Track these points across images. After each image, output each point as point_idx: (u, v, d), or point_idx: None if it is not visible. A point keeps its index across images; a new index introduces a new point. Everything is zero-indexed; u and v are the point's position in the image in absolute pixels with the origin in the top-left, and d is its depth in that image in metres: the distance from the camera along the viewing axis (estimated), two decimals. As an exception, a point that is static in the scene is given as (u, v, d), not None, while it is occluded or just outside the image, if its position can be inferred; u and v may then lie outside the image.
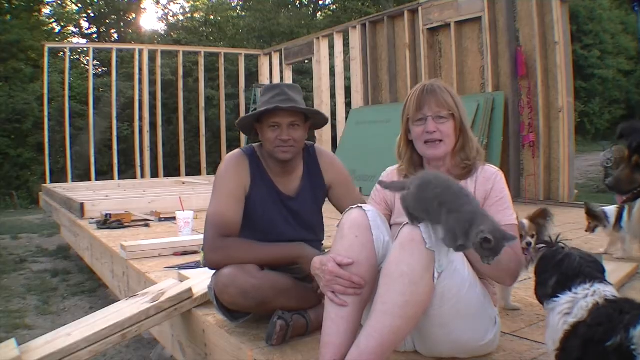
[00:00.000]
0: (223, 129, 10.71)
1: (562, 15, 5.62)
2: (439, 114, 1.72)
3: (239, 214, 1.98)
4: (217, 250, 1.91)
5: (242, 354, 1.83)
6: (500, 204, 1.70)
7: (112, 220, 4.50)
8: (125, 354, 3.41)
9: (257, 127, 2.04)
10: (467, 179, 1.75)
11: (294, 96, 1.97)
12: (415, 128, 1.75)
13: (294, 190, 2.07)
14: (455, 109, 1.74)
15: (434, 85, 1.76)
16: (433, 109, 1.72)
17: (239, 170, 2.02)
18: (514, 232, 1.66)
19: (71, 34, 19.59)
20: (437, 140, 1.72)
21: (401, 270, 1.46)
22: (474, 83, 6.48)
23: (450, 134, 1.73)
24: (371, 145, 6.81)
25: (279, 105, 1.92)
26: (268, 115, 1.95)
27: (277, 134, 1.95)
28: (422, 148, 1.75)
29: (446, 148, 1.74)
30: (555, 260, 1.38)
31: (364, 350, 1.44)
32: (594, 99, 20.61)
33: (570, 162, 5.70)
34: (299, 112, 1.98)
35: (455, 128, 1.75)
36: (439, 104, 1.72)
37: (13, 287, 5.03)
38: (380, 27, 7.74)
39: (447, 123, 1.73)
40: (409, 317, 1.47)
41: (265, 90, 2.03)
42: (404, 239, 1.49)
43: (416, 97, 1.75)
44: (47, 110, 9.82)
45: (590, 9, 20.52)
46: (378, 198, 1.86)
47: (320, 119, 2.10)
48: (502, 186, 1.73)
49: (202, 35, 18.90)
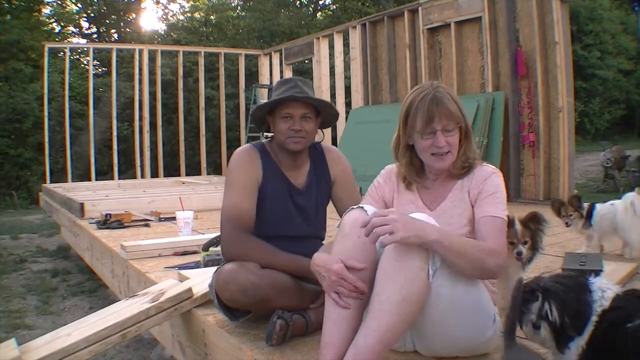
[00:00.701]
0: (223, 129, 10.72)
1: (562, 15, 5.62)
2: (447, 127, 1.68)
3: (253, 207, 2.00)
4: (237, 245, 1.94)
5: (242, 354, 1.83)
6: (492, 197, 1.67)
7: (112, 220, 4.50)
8: (125, 354, 3.41)
9: (269, 120, 2.07)
10: (464, 178, 1.74)
11: (307, 90, 2.02)
12: (422, 141, 1.70)
13: (302, 184, 2.10)
14: (462, 118, 1.71)
15: (440, 94, 1.69)
16: (442, 123, 1.67)
17: (251, 163, 2.04)
18: (500, 226, 1.65)
19: (71, 34, 19.63)
20: (445, 153, 1.70)
21: (397, 269, 1.48)
22: (474, 83, 6.48)
23: (456, 144, 1.71)
24: (371, 145, 6.81)
25: (293, 95, 1.95)
26: (281, 106, 1.98)
27: (290, 125, 1.98)
28: (429, 160, 1.72)
29: (452, 158, 1.71)
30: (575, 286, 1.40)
31: (361, 348, 1.45)
32: (594, 99, 20.60)
33: (570, 162, 5.70)
34: (311, 105, 2.01)
35: (460, 136, 1.73)
36: (448, 117, 1.67)
37: (13, 287, 5.03)
38: (380, 27, 7.74)
39: (455, 135, 1.70)
40: (406, 315, 1.48)
41: (279, 84, 2.07)
42: None
43: (425, 109, 1.67)
44: (47, 110, 9.83)
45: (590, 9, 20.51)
46: (376, 195, 1.84)
47: (330, 114, 2.12)
48: (497, 183, 1.71)
49: (202, 35, 18.89)
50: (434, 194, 1.77)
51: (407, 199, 1.80)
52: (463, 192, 1.72)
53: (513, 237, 1.91)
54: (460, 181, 1.74)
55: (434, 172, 1.78)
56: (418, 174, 1.80)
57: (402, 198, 1.81)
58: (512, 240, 1.91)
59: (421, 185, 1.80)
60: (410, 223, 1.46)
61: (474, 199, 1.69)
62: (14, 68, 13.69)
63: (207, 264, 2.75)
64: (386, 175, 1.86)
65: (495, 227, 1.63)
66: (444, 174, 1.77)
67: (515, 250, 1.91)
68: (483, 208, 1.66)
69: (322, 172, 2.13)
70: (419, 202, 1.78)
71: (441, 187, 1.77)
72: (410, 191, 1.80)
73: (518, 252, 1.91)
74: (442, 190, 1.76)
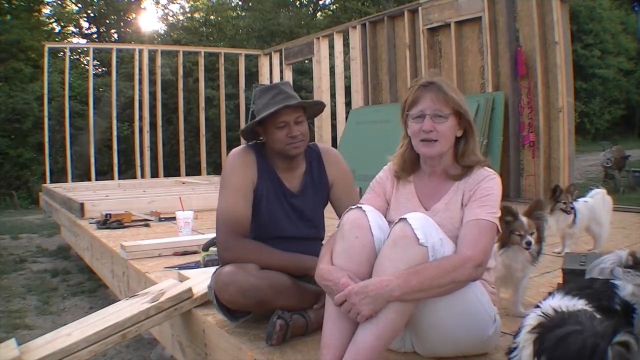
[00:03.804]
0: (223, 129, 10.71)
1: (562, 15, 5.62)
2: (438, 113, 1.66)
3: (248, 209, 1.99)
4: (230, 250, 1.93)
5: (242, 354, 1.83)
6: (483, 200, 1.63)
7: (112, 220, 4.50)
8: (125, 354, 3.41)
9: (259, 131, 2.05)
10: (461, 180, 1.72)
11: (291, 92, 2.00)
12: (412, 124, 1.70)
13: (297, 186, 2.08)
14: (460, 106, 1.67)
15: (437, 80, 1.69)
16: (433, 107, 1.66)
17: (246, 164, 2.03)
18: (483, 228, 1.59)
19: (71, 34, 19.60)
20: (432, 140, 1.67)
21: (395, 267, 1.48)
22: (474, 83, 6.48)
23: (447, 135, 1.67)
24: (371, 145, 6.81)
25: (287, 104, 1.93)
26: (274, 116, 1.95)
27: (287, 132, 1.96)
28: (418, 145, 1.71)
29: (441, 148, 1.68)
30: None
31: (361, 347, 1.45)
32: (594, 99, 20.61)
33: (570, 162, 5.70)
34: (301, 107, 2.00)
35: (453, 128, 1.69)
36: (438, 101, 1.66)
37: (13, 287, 5.03)
38: (380, 27, 7.74)
39: (446, 122, 1.66)
40: (404, 312, 1.48)
41: (261, 93, 2.03)
42: (396, 236, 1.51)
43: (415, 90, 1.69)
44: (47, 110, 9.81)
45: (590, 9, 20.52)
46: (378, 189, 1.82)
47: (318, 109, 2.13)
48: (491, 185, 1.66)
49: (202, 35, 18.88)
50: (430, 193, 1.75)
51: (404, 196, 1.78)
52: (457, 195, 1.69)
53: (520, 229, 1.93)
54: (457, 183, 1.72)
55: (428, 165, 1.75)
56: (413, 167, 1.78)
57: (399, 194, 1.80)
58: (519, 233, 1.92)
59: (418, 182, 1.78)
60: (366, 294, 1.44)
61: (466, 201, 1.67)
62: (13, 68, 13.67)
63: (207, 264, 2.75)
64: (389, 170, 1.85)
65: (477, 229, 1.58)
66: (441, 173, 1.75)
67: (524, 241, 1.93)
68: (471, 211, 1.63)
69: (320, 174, 2.12)
70: (415, 199, 1.76)
71: (437, 186, 1.74)
72: (407, 188, 1.79)
73: (527, 242, 1.93)
74: (438, 190, 1.74)
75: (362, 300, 1.44)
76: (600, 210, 3.03)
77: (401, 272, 1.46)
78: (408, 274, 1.46)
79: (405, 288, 1.44)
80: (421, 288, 1.46)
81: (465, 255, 1.53)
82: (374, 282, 1.46)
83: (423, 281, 1.45)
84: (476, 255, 1.54)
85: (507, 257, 1.98)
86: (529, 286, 2.20)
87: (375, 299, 1.44)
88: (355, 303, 1.45)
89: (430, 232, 1.52)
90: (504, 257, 1.98)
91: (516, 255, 1.97)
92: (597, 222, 3.03)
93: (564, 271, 2.14)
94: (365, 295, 1.44)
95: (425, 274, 1.47)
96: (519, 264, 1.98)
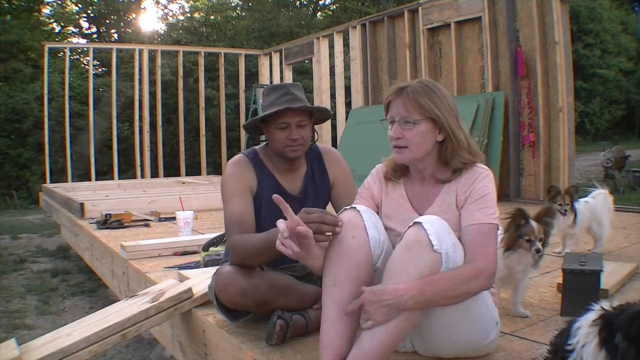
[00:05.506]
0: (223, 129, 10.71)
1: (562, 15, 5.62)
2: (406, 119, 1.61)
3: (251, 212, 1.97)
4: (230, 250, 1.93)
5: (242, 354, 1.83)
6: (480, 202, 1.59)
7: (112, 220, 4.50)
8: (125, 354, 3.41)
9: (262, 127, 2.05)
10: (451, 181, 1.66)
11: (300, 95, 1.98)
12: (389, 130, 1.68)
13: (298, 188, 2.08)
14: (435, 113, 1.60)
15: (412, 87, 1.63)
16: (402, 113, 1.61)
17: (244, 173, 2.02)
18: (488, 233, 1.56)
19: (71, 34, 19.58)
20: (402, 146, 1.64)
21: (407, 272, 1.45)
22: (474, 83, 6.48)
23: (417, 141, 1.62)
24: (371, 145, 6.77)
25: (290, 106, 1.92)
26: (277, 115, 1.94)
27: (287, 134, 1.95)
28: (393, 151, 1.69)
29: (412, 154, 1.64)
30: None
31: (367, 350, 1.45)
32: (594, 99, 20.62)
33: (570, 162, 5.70)
34: (306, 111, 1.98)
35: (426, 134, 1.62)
36: (406, 108, 1.61)
37: (13, 287, 5.03)
38: (380, 27, 7.74)
39: (414, 129, 1.61)
40: (413, 319, 1.47)
41: (269, 91, 2.03)
42: (410, 240, 1.48)
43: (387, 97, 1.68)
44: (47, 110, 9.80)
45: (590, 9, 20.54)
46: (366, 194, 1.80)
47: (325, 115, 2.11)
48: (486, 184, 1.62)
49: (202, 36, 18.88)
50: (421, 197, 1.71)
51: (395, 200, 1.74)
52: (450, 197, 1.64)
53: (530, 234, 1.91)
54: (448, 184, 1.66)
55: (413, 170, 1.72)
56: (403, 171, 1.75)
57: (389, 198, 1.76)
58: (529, 238, 1.91)
59: (408, 186, 1.75)
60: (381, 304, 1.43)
61: (461, 202, 1.62)
62: (13, 68, 13.67)
63: (207, 264, 2.75)
64: (375, 174, 1.82)
65: (482, 236, 1.56)
66: (430, 177, 1.70)
67: (534, 248, 1.92)
68: (470, 214, 1.59)
69: (320, 175, 2.12)
70: (407, 204, 1.72)
71: (429, 190, 1.70)
72: (397, 191, 1.75)
73: (537, 249, 1.92)
74: (429, 193, 1.69)
75: (377, 310, 1.44)
76: (601, 211, 3.02)
77: (416, 281, 1.44)
78: (423, 285, 1.43)
79: (419, 299, 1.43)
80: (434, 299, 1.45)
81: (479, 267, 1.50)
82: (389, 291, 1.43)
83: (437, 292, 1.44)
84: (489, 266, 1.52)
85: (511, 260, 1.97)
86: (529, 286, 2.20)
87: (390, 308, 1.43)
88: (370, 311, 1.44)
89: (444, 237, 1.48)
90: (508, 260, 1.97)
91: (520, 258, 1.96)
92: (598, 223, 3.02)
93: (564, 271, 2.14)
94: (380, 305, 1.43)
95: (440, 284, 1.45)
96: (522, 266, 1.98)
